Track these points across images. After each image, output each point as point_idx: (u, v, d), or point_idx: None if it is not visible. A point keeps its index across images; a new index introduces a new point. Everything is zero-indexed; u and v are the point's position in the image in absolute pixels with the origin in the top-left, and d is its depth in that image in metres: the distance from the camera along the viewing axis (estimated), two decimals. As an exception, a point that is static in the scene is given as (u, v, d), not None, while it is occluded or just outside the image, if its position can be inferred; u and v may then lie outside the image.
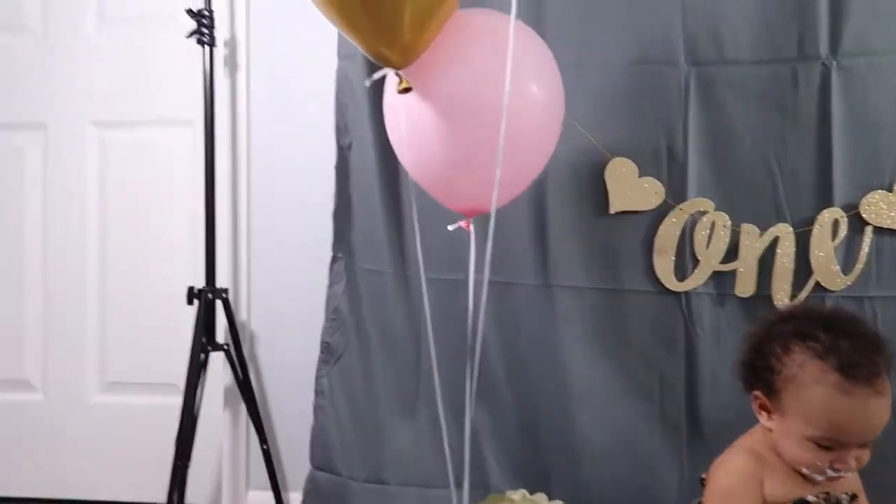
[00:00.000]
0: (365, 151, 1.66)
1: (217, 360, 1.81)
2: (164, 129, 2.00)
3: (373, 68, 1.64)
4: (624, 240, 1.53)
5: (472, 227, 1.26)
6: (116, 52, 2.00)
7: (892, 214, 1.37)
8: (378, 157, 1.64)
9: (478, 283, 1.54)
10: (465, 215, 1.27)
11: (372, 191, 1.66)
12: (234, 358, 1.80)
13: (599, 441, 1.51)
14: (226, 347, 1.79)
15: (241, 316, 1.89)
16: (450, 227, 1.30)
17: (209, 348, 1.77)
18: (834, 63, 1.38)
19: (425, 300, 1.23)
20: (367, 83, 1.14)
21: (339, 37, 1.68)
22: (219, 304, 1.79)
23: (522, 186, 1.28)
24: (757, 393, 0.99)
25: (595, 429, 1.51)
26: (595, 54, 1.45)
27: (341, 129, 1.70)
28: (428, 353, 1.63)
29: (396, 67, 1.03)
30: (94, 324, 2.03)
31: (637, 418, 1.50)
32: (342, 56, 1.68)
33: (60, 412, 2.03)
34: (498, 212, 1.32)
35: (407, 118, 1.14)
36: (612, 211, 1.53)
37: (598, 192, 1.53)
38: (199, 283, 1.79)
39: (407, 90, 1.03)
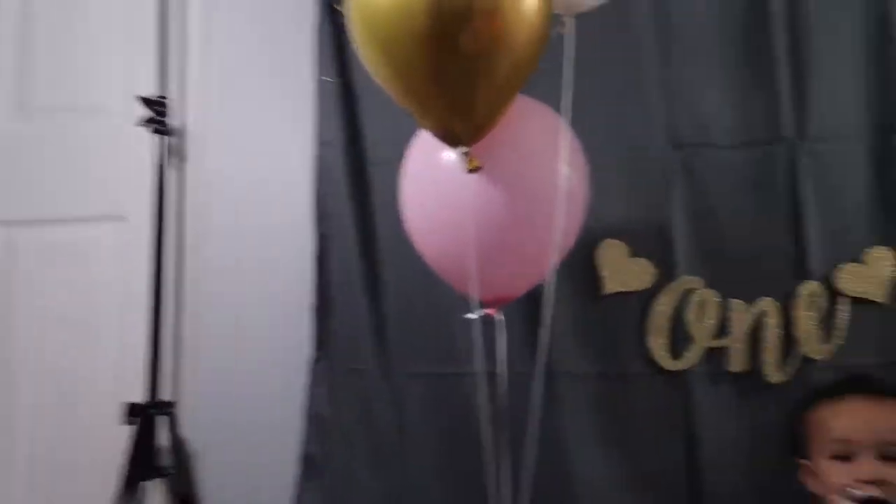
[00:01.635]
0: (345, 242, 1.56)
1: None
2: (88, 225, 1.80)
3: (350, 156, 1.61)
4: (619, 321, 1.53)
5: (502, 316, 1.21)
6: (35, 146, 1.80)
7: (863, 285, 1.47)
8: (360, 247, 1.56)
9: (480, 376, 1.47)
10: (490, 304, 1.21)
11: (354, 282, 1.56)
12: (181, 485, 1.57)
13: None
14: (171, 472, 1.56)
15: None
16: (470, 315, 1.22)
17: (146, 476, 1.54)
18: (801, 146, 1.49)
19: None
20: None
21: (320, 123, 1.60)
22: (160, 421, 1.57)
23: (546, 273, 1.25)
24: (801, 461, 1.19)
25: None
26: (589, 139, 1.49)
27: (321, 219, 1.60)
28: (415, 456, 1.53)
29: (465, 146, 0.98)
30: None
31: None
32: (323, 143, 1.61)
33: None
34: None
35: (444, 200, 1.08)
36: (605, 292, 1.53)
37: (591, 274, 1.54)
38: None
39: (476, 169, 0.98)
